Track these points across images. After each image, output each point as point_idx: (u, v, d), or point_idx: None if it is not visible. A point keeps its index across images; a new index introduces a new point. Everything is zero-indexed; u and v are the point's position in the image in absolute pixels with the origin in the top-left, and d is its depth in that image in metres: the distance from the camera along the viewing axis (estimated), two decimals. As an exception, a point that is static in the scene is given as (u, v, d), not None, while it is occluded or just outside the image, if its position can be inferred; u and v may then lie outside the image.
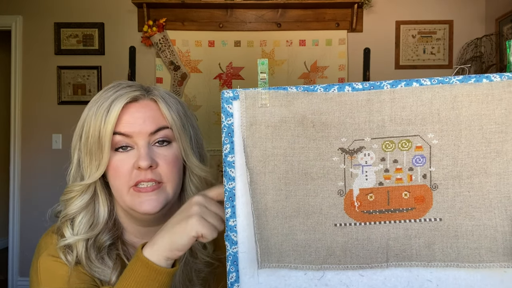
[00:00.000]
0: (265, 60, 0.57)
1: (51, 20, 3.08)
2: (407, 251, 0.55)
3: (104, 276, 0.72)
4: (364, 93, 0.56)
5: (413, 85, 0.55)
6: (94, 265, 0.72)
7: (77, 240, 0.72)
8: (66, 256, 0.71)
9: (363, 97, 0.56)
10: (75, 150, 0.75)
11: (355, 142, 0.56)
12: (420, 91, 0.55)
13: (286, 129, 0.56)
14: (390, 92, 0.55)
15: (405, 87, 0.55)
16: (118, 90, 0.72)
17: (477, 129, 0.54)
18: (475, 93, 0.54)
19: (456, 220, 0.55)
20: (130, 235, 0.80)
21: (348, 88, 0.56)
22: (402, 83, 0.56)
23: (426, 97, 0.55)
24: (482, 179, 0.54)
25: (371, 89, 0.56)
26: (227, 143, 0.58)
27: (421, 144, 0.55)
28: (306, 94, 0.56)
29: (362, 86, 0.56)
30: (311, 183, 0.56)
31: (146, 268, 0.60)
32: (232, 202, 0.58)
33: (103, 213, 0.75)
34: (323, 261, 0.56)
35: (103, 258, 0.73)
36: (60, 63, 3.08)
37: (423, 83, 0.55)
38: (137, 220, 0.77)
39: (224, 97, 0.58)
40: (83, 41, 3.08)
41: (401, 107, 0.55)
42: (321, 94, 0.56)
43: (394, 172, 0.56)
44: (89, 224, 0.74)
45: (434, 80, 0.55)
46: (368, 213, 0.56)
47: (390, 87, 0.56)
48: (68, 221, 0.74)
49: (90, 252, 0.72)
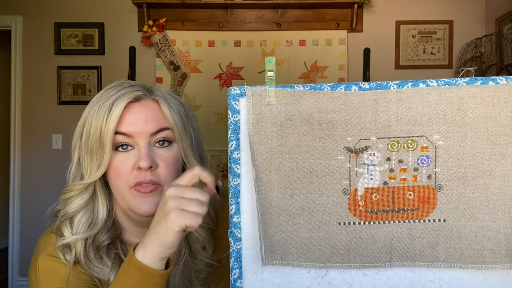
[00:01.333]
0: (272, 58, 0.57)
1: (51, 20, 3.08)
2: (410, 251, 0.56)
3: (103, 276, 0.72)
4: (371, 92, 0.56)
5: (419, 86, 0.56)
6: (93, 265, 0.72)
7: (76, 240, 0.72)
8: (64, 256, 0.71)
9: (370, 97, 0.56)
10: (76, 149, 0.75)
11: (361, 141, 0.56)
12: (426, 92, 0.55)
13: (292, 127, 0.57)
14: (397, 93, 0.56)
15: (412, 87, 0.56)
16: (120, 89, 0.72)
17: (482, 131, 0.54)
18: (481, 95, 0.54)
19: (460, 221, 0.55)
20: (129, 234, 0.80)
21: (355, 88, 0.57)
22: (409, 83, 0.56)
23: (433, 98, 0.55)
24: (487, 180, 0.54)
25: (377, 89, 0.56)
26: (233, 139, 0.58)
27: (427, 144, 0.55)
28: (313, 93, 0.57)
29: (369, 86, 0.57)
30: (316, 182, 0.57)
31: (139, 271, 0.59)
32: (236, 199, 0.58)
33: (102, 212, 0.75)
34: (327, 260, 0.57)
35: (101, 258, 0.73)
36: (60, 63, 3.08)
37: (429, 84, 0.56)
38: (136, 221, 0.77)
39: (231, 94, 0.58)
40: (83, 41, 3.08)
41: (407, 108, 0.55)
42: (327, 93, 0.57)
43: (399, 172, 0.56)
44: (88, 223, 0.74)
45: (441, 81, 0.56)
46: (372, 212, 0.56)
47: (397, 88, 0.56)
48: (67, 220, 0.74)
49: (89, 251, 0.72)
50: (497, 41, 2.85)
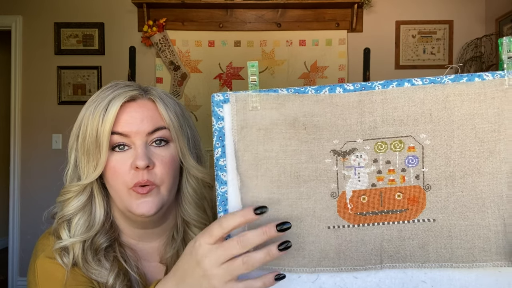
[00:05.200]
0: (255, 62, 0.55)
1: (51, 20, 3.08)
2: (401, 252, 0.55)
3: (101, 278, 0.72)
4: (356, 94, 0.55)
5: (404, 85, 0.55)
6: (91, 267, 0.72)
7: (73, 242, 0.71)
8: (62, 258, 0.71)
9: (355, 98, 0.55)
10: (72, 150, 0.74)
11: (347, 143, 0.55)
12: (412, 91, 0.54)
13: (278, 132, 0.56)
14: (382, 93, 0.55)
15: (397, 87, 0.55)
16: (115, 89, 0.72)
17: (469, 128, 0.53)
18: (467, 92, 0.53)
19: (450, 221, 0.54)
20: (127, 237, 0.80)
21: (339, 90, 0.56)
22: (394, 83, 0.55)
23: (418, 97, 0.54)
24: (475, 178, 0.53)
25: (362, 90, 0.55)
26: (218, 146, 0.57)
27: (414, 144, 0.55)
28: (297, 96, 0.56)
29: (354, 87, 0.56)
30: (304, 186, 0.56)
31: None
32: (224, 206, 0.57)
33: (99, 214, 0.75)
34: (317, 264, 0.56)
35: (100, 260, 0.73)
36: (60, 63, 3.08)
37: (414, 83, 0.55)
38: (134, 222, 0.77)
39: (214, 100, 0.57)
40: (83, 41, 3.08)
41: (392, 108, 0.54)
42: (312, 96, 0.56)
43: (387, 173, 0.55)
44: (86, 225, 0.73)
45: (426, 80, 0.55)
46: (361, 215, 0.55)
47: (382, 88, 0.55)
48: (65, 222, 0.74)
49: (87, 254, 0.72)
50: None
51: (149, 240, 0.81)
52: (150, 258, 0.81)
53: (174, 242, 0.80)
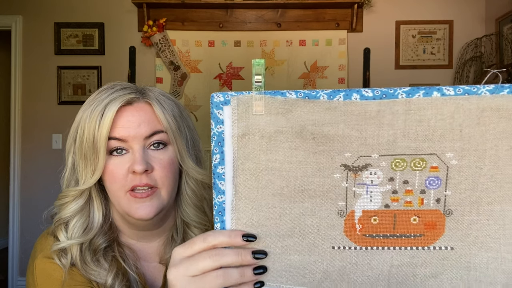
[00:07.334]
0: (261, 61, 0.50)
1: (51, 20, 3.08)
2: (410, 280, 0.50)
3: (100, 279, 0.71)
4: (375, 103, 0.48)
5: (433, 94, 0.47)
6: (89, 268, 0.71)
7: (71, 244, 0.71)
8: (60, 259, 0.71)
9: (373, 108, 0.48)
10: (70, 153, 0.74)
11: (360, 158, 0.49)
12: (441, 102, 0.47)
13: (283, 140, 0.50)
14: (406, 103, 0.48)
15: (424, 97, 0.48)
16: (112, 92, 0.71)
17: (505, 149, 0.47)
18: (507, 107, 0.46)
19: (470, 250, 0.49)
20: (126, 237, 0.80)
21: (356, 96, 0.49)
22: (420, 92, 0.48)
23: (448, 110, 0.47)
24: (505, 206, 0.48)
25: (383, 98, 0.48)
26: (216, 152, 0.52)
27: (437, 164, 0.48)
28: (306, 102, 0.50)
29: (373, 93, 0.49)
30: (309, 201, 0.51)
31: None
32: (221, 217, 0.53)
33: (98, 217, 0.75)
34: (318, 285, 0.52)
35: (98, 261, 0.73)
36: (60, 63, 3.08)
37: (445, 93, 0.47)
38: (133, 224, 0.77)
39: (214, 101, 0.51)
40: (83, 41, 3.08)
41: (417, 121, 0.48)
42: (324, 102, 0.49)
43: (404, 194, 0.50)
44: (83, 228, 0.73)
45: (459, 89, 0.47)
46: (370, 237, 0.51)
47: (406, 97, 0.48)
48: (63, 224, 0.73)
49: (85, 255, 0.72)
50: (497, 41, 2.84)
51: (148, 240, 0.81)
52: (149, 258, 0.81)
53: (174, 243, 0.79)
